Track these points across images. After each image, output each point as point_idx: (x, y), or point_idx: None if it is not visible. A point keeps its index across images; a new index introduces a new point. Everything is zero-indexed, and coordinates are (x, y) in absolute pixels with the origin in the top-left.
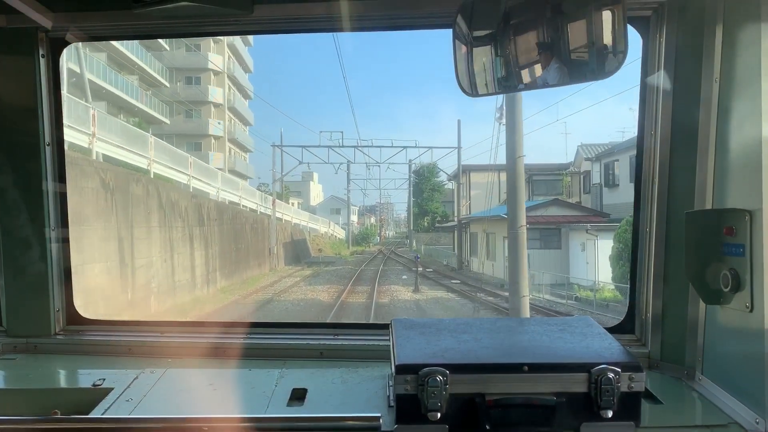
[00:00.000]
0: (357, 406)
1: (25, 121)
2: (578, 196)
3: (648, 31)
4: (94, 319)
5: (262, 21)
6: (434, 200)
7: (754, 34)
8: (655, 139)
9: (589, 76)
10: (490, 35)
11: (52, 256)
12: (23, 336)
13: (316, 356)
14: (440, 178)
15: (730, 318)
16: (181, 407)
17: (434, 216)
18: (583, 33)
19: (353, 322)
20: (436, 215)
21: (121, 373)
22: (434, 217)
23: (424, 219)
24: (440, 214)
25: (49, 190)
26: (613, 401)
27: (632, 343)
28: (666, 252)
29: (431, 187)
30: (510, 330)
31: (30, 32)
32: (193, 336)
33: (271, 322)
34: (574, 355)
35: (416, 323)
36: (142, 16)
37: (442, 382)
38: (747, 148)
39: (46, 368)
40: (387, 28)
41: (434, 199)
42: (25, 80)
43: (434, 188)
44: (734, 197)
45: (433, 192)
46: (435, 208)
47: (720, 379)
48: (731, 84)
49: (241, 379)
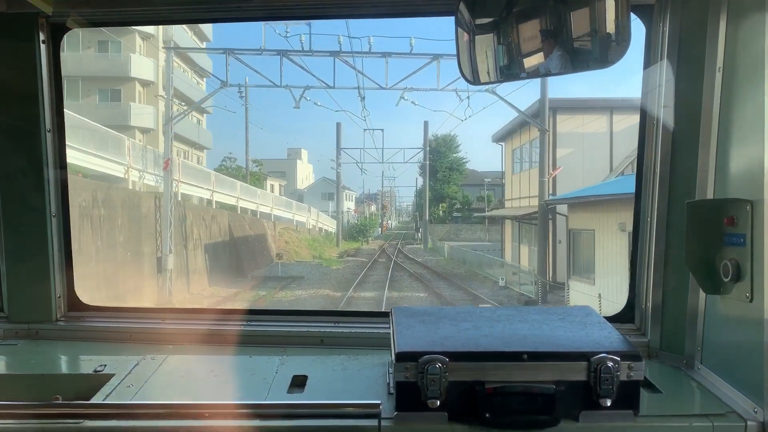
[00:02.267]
0: (357, 393)
1: (25, 108)
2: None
3: (651, 20)
4: (95, 306)
5: (264, 7)
6: (451, 182)
7: (758, 23)
8: (657, 128)
9: (592, 65)
10: (492, 23)
11: (53, 242)
12: (25, 322)
13: (317, 343)
14: (460, 153)
15: (730, 308)
16: (182, 393)
17: (452, 202)
18: (587, 21)
19: (354, 309)
20: (455, 201)
21: (123, 359)
22: (452, 203)
23: (439, 206)
24: (459, 200)
25: (50, 176)
26: (613, 390)
27: (632, 332)
28: (667, 242)
29: (448, 166)
30: (510, 318)
31: (30, 17)
32: (194, 323)
33: (271, 309)
34: (573, 343)
35: (416, 311)
36: (144, 2)
37: (441, 369)
38: (749, 137)
39: (48, 354)
40: (389, 15)
41: (451, 180)
42: (25, 66)
43: (452, 166)
44: (736, 187)
45: (450, 172)
46: (453, 192)
47: (719, 368)
48: (734, 73)
49: (242, 366)
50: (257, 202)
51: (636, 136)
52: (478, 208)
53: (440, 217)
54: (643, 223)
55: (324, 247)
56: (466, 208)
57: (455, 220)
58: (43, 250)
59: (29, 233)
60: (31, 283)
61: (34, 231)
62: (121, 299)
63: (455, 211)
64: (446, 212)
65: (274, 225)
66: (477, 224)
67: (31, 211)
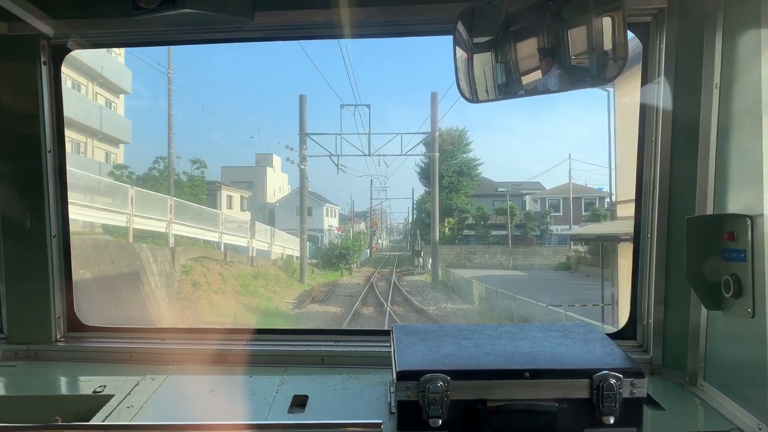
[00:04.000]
0: (358, 413)
1: (26, 128)
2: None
3: (648, 37)
4: (94, 326)
5: (263, 28)
6: (461, 191)
7: (754, 40)
8: (655, 145)
9: (590, 82)
10: (490, 41)
11: (53, 263)
12: (24, 343)
13: (317, 362)
14: (471, 153)
15: (731, 324)
16: (182, 414)
17: (462, 217)
18: (584, 39)
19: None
20: (465, 216)
21: (122, 379)
22: (462, 218)
23: (445, 222)
24: (473, 214)
25: (51, 196)
26: (615, 407)
27: (634, 349)
28: (667, 258)
29: (456, 169)
30: (511, 336)
31: (32, 39)
32: (193, 342)
33: (272, 329)
34: (575, 361)
35: (417, 329)
36: (144, 23)
37: (443, 388)
38: (748, 153)
39: (47, 375)
40: (387, 35)
41: (461, 188)
42: (26, 87)
43: (461, 170)
44: (735, 202)
45: (459, 178)
46: (462, 203)
47: (722, 385)
48: (731, 89)
49: (242, 386)
50: (190, 226)
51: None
52: (498, 224)
53: (447, 236)
54: (644, 239)
55: (276, 287)
56: (481, 225)
57: (466, 240)
58: (42, 270)
59: (29, 254)
60: (31, 304)
61: (33, 251)
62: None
63: (466, 228)
64: (454, 230)
65: (174, 257)
66: (496, 245)
67: (31, 231)
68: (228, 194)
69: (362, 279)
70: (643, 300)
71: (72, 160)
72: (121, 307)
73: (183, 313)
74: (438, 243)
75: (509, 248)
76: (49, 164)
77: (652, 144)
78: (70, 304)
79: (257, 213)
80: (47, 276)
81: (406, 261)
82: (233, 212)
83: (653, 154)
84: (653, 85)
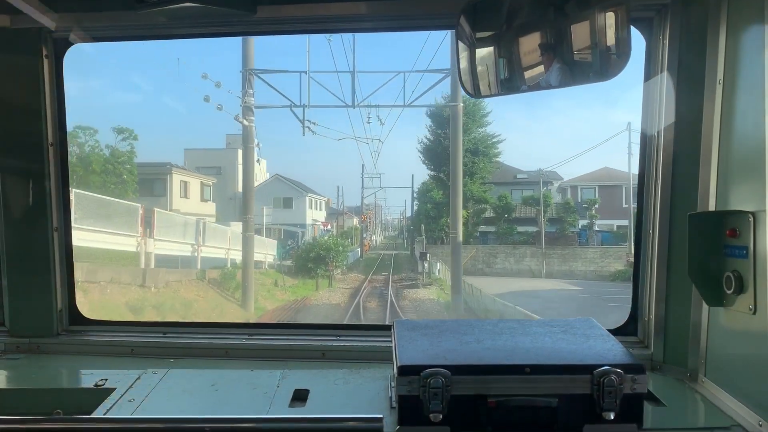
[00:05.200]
0: (359, 408)
1: (28, 122)
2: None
3: (651, 33)
4: (96, 320)
5: (265, 22)
6: (476, 176)
7: (757, 35)
8: (658, 140)
9: (593, 78)
10: (493, 36)
11: (54, 256)
12: (26, 336)
13: (318, 357)
14: (488, 126)
15: (733, 320)
16: (183, 408)
17: (479, 209)
18: (587, 34)
19: (355, 323)
20: (484, 207)
21: (124, 373)
22: (479, 210)
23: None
24: (493, 204)
25: (52, 190)
26: (616, 403)
27: (635, 344)
28: (669, 254)
29: (470, 147)
30: (512, 331)
31: (34, 33)
32: (195, 336)
33: (273, 323)
34: (576, 356)
35: (419, 324)
36: (146, 17)
37: (444, 383)
38: (750, 150)
39: (49, 368)
40: (389, 29)
41: (476, 171)
42: (28, 81)
43: (476, 149)
44: (737, 199)
45: (475, 158)
46: (479, 192)
47: (723, 381)
48: (735, 86)
49: (243, 380)
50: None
51: None
52: (525, 217)
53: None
54: (645, 236)
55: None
56: (504, 219)
57: (484, 239)
58: (44, 263)
59: (31, 247)
60: (33, 297)
61: (35, 245)
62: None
63: (483, 223)
64: (468, 225)
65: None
66: (523, 245)
67: (33, 224)
68: (182, 179)
69: (345, 296)
70: (644, 296)
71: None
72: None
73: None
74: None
75: (542, 249)
76: (51, 157)
77: (654, 140)
78: (72, 298)
79: (226, 204)
80: (49, 269)
81: (405, 264)
82: (190, 203)
83: (655, 150)
84: (656, 81)
